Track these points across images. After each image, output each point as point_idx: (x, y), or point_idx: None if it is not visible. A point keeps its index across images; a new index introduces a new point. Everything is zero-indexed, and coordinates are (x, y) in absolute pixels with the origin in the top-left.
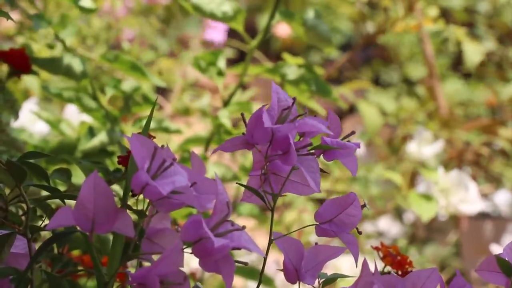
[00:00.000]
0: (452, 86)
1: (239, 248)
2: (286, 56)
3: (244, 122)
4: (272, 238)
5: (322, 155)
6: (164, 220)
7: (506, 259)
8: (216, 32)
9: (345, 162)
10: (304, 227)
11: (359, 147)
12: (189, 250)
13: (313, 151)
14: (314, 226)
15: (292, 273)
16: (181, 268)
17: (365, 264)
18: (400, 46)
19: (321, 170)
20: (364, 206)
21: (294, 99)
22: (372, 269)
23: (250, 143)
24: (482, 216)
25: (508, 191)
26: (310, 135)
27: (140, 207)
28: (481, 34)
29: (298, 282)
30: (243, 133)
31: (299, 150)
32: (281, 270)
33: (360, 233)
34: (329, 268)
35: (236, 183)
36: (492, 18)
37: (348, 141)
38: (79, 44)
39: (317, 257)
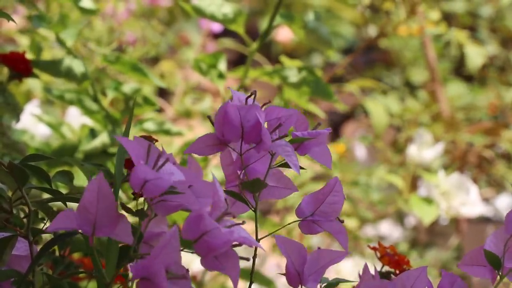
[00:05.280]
0: (455, 90)
1: (239, 244)
2: (284, 59)
3: (212, 122)
4: (258, 237)
5: (296, 150)
6: (162, 224)
7: (494, 253)
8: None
9: (316, 155)
10: (287, 225)
11: (330, 131)
12: (189, 250)
13: (284, 135)
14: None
15: (294, 277)
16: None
17: (366, 269)
18: (403, 50)
19: (301, 168)
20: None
21: (254, 92)
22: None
23: (221, 141)
24: (484, 220)
25: (509, 195)
26: (278, 122)
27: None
28: (484, 38)
29: (300, 286)
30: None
31: (271, 136)
32: (283, 274)
33: (342, 221)
34: (330, 271)
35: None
36: (494, 22)
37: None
38: (81, 47)
39: (319, 261)
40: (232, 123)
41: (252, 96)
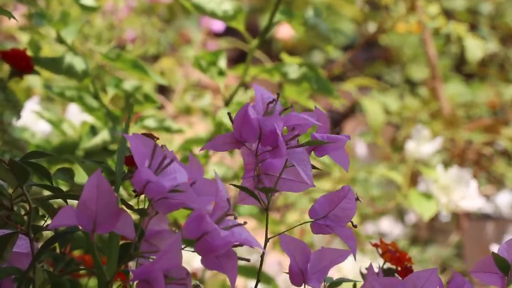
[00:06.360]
0: (455, 88)
1: (240, 245)
2: (285, 56)
3: (231, 120)
4: (268, 237)
5: (313, 151)
6: (162, 222)
7: (503, 257)
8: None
9: (336, 157)
10: (299, 225)
11: (349, 139)
12: (190, 248)
13: (301, 143)
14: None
15: (297, 275)
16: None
17: (370, 268)
18: (403, 47)
19: (313, 167)
20: (357, 199)
21: (278, 94)
22: (364, 270)
23: (238, 141)
24: (484, 217)
25: (510, 192)
26: (298, 129)
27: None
28: (484, 35)
29: (303, 285)
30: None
31: (288, 143)
32: (286, 272)
33: (355, 226)
34: (332, 269)
35: (231, 184)
36: (494, 19)
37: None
38: (81, 44)
39: (323, 260)
40: (251, 125)
41: (274, 100)
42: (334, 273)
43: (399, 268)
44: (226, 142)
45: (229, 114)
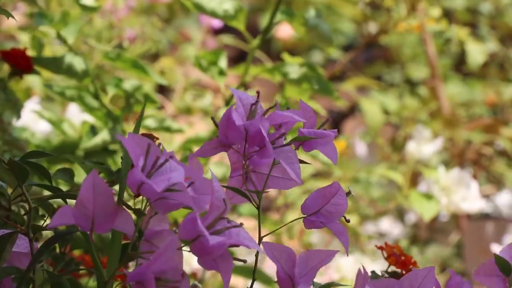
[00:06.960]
0: (454, 87)
1: (237, 245)
2: (286, 56)
3: (215, 124)
4: (261, 236)
5: (301, 146)
6: (163, 221)
7: (505, 259)
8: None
9: (324, 151)
10: (292, 222)
11: (336, 134)
12: (188, 248)
13: (288, 140)
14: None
15: (286, 281)
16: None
17: (359, 274)
18: (403, 46)
19: (302, 161)
20: (349, 193)
21: (258, 92)
22: (369, 272)
23: (225, 144)
24: (484, 216)
25: (509, 191)
26: (284, 127)
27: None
28: (484, 35)
29: None
30: (216, 136)
31: (275, 142)
32: (275, 281)
33: (348, 221)
34: (331, 269)
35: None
36: (494, 19)
37: (324, 129)
38: (81, 44)
39: (309, 262)
40: (236, 129)
41: (256, 101)
42: (333, 273)
43: (403, 272)
44: (214, 147)
45: (213, 118)
